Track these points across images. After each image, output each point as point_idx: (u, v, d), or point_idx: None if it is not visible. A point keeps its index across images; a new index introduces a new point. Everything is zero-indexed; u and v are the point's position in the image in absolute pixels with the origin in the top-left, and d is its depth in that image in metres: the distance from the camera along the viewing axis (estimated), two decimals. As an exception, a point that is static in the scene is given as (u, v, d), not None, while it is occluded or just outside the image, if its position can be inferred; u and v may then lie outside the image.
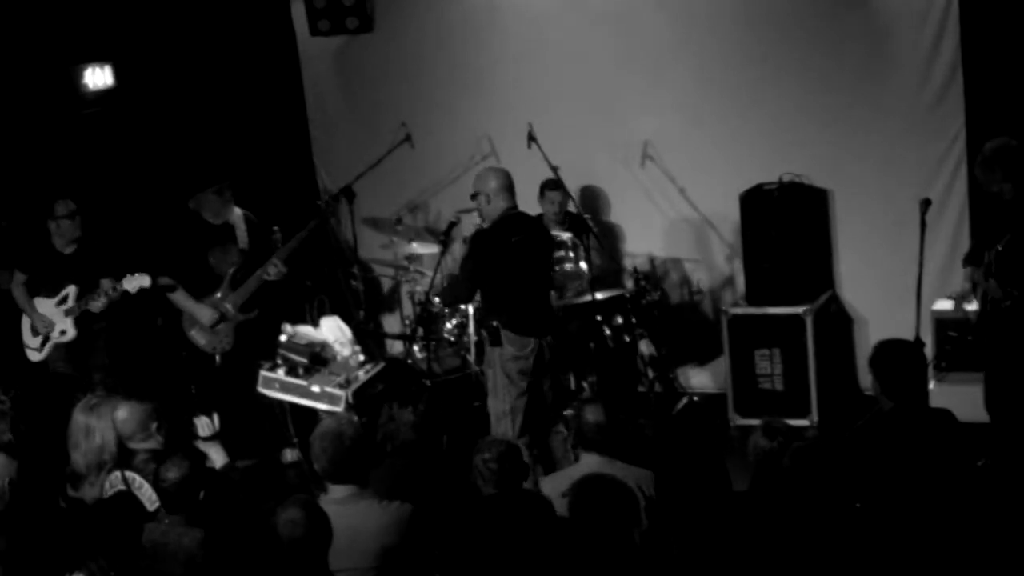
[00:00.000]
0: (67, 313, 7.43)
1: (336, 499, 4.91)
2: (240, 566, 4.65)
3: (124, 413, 5.55)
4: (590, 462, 5.37)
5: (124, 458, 5.52)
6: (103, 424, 5.54)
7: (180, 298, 7.45)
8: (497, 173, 6.75)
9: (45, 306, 7.50)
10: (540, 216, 7.78)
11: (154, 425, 5.57)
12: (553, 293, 7.33)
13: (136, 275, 7.22)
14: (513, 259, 6.62)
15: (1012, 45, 7.33)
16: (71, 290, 7.45)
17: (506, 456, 5.00)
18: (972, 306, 6.55)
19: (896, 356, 5.17)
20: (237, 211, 7.53)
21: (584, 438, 5.43)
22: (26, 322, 7.56)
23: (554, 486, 5.23)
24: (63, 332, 7.46)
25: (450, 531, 4.81)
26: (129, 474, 5.38)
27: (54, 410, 6.74)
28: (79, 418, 5.59)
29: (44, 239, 7.50)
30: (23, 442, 6.15)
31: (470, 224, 7.87)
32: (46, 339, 7.50)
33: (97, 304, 7.32)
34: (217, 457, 5.69)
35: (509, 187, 6.67)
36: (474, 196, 6.74)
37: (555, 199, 8.09)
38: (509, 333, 6.60)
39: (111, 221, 8.17)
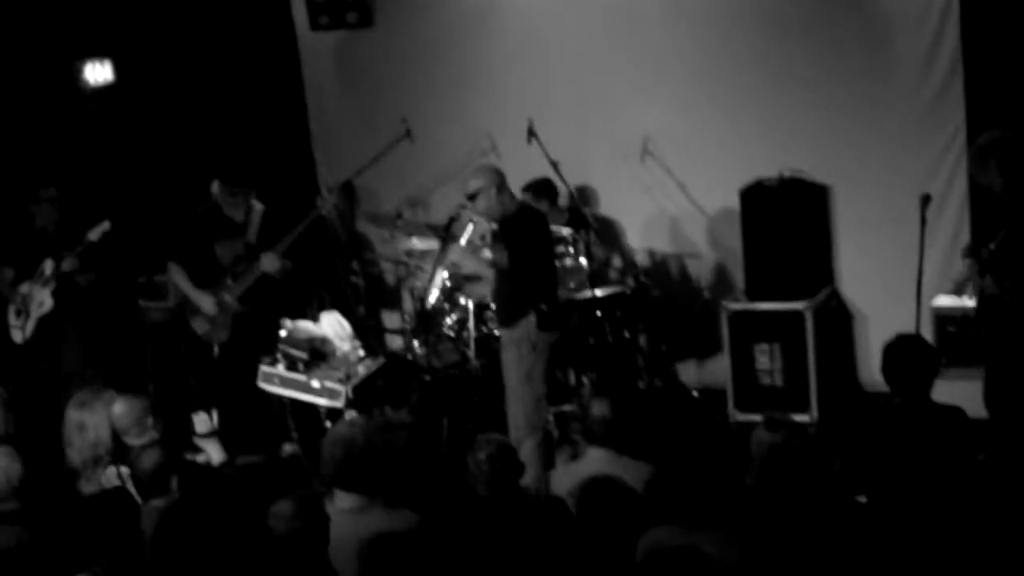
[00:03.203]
0: (44, 284, 7.67)
1: (344, 508, 4.79)
2: (236, 562, 4.64)
3: (120, 408, 5.56)
4: (596, 457, 5.38)
5: (120, 453, 5.52)
6: (96, 419, 5.55)
7: (183, 284, 7.49)
8: (492, 170, 6.78)
9: (26, 287, 7.74)
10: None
11: (150, 420, 5.57)
12: None
13: (97, 226, 7.56)
14: (544, 245, 6.69)
15: (1012, 41, 7.32)
16: (48, 263, 7.66)
17: (500, 456, 4.97)
18: (970, 301, 6.55)
19: (902, 353, 5.16)
20: (256, 205, 7.56)
21: (590, 433, 5.44)
22: (11, 306, 7.80)
23: (562, 483, 5.26)
24: (41, 304, 7.68)
25: (446, 532, 4.79)
26: (124, 469, 5.38)
27: (42, 402, 6.79)
28: (72, 415, 5.60)
29: (28, 222, 7.80)
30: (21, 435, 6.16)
31: (470, 220, 7.86)
32: (27, 316, 7.70)
33: (68, 262, 7.61)
34: (214, 453, 5.69)
35: (506, 181, 6.72)
36: (473, 197, 6.70)
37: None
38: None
39: (113, 216, 8.19)
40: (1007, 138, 6.27)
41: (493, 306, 7.51)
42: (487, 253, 7.19)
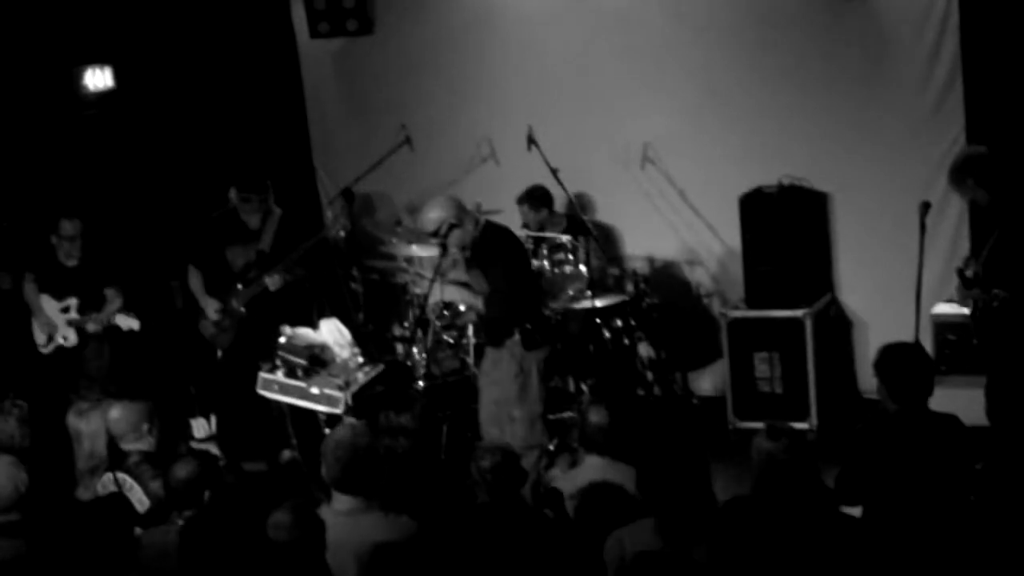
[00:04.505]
0: (69, 323, 7.63)
1: (341, 510, 4.80)
2: (234, 567, 4.64)
3: (116, 413, 5.55)
4: (593, 464, 5.38)
5: (117, 459, 5.51)
6: (93, 428, 5.56)
7: (196, 287, 7.53)
8: (447, 202, 6.61)
9: (50, 306, 7.66)
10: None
11: (146, 426, 5.57)
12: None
13: (129, 317, 7.50)
14: (519, 262, 6.66)
15: (1012, 48, 7.34)
16: (73, 302, 7.62)
17: (503, 464, 4.96)
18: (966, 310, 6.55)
19: (902, 359, 5.16)
20: (275, 210, 7.56)
21: (587, 440, 5.44)
22: (36, 323, 7.71)
23: (560, 489, 5.27)
24: (65, 337, 7.64)
25: (445, 538, 4.78)
26: (120, 475, 5.37)
27: (54, 414, 6.76)
28: (71, 423, 5.60)
29: (48, 250, 7.68)
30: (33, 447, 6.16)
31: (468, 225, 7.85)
32: (51, 338, 7.66)
33: (93, 326, 7.56)
34: (211, 459, 5.69)
35: (463, 208, 6.58)
36: (441, 232, 6.48)
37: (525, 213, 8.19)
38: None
39: (113, 222, 8.19)
40: (977, 154, 6.33)
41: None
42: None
